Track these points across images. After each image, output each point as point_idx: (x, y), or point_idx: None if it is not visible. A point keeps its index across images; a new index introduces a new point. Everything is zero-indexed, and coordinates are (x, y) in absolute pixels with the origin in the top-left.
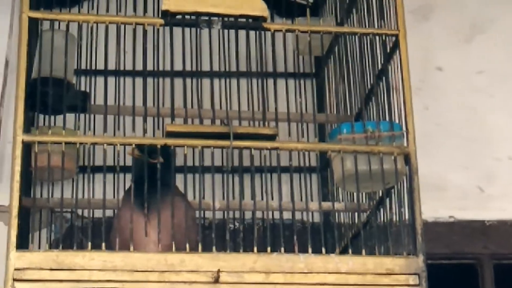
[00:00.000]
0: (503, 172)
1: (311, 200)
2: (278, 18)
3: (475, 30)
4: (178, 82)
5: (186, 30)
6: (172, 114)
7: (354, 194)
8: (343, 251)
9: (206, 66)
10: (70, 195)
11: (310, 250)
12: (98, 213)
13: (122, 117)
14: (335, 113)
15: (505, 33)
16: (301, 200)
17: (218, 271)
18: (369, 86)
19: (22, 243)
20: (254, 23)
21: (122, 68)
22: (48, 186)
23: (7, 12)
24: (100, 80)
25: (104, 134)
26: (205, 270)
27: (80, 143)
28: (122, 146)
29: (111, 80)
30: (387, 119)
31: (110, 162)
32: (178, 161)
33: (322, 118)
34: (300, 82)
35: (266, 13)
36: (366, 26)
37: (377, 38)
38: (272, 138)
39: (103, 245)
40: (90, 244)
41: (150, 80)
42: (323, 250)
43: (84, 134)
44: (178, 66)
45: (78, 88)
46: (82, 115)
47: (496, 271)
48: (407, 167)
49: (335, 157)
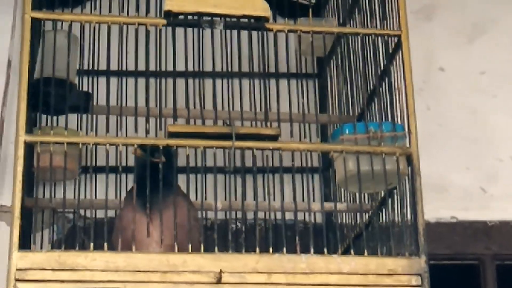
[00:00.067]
0: (506, 172)
1: (313, 200)
2: (280, 19)
3: (477, 31)
4: (180, 82)
5: (188, 30)
6: (174, 114)
7: (356, 195)
8: (345, 252)
9: (208, 67)
10: (72, 196)
11: (312, 250)
12: (100, 213)
13: (124, 117)
14: (337, 113)
15: (507, 33)
16: (303, 200)
17: (220, 272)
18: (371, 87)
19: (24, 244)
20: (256, 24)
21: (124, 68)
22: (50, 186)
23: (10, 12)
24: (102, 80)
25: (106, 135)
26: (207, 270)
27: (82, 144)
28: (124, 146)
29: (114, 80)
30: (389, 120)
31: (112, 163)
32: (180, 161)
33: (324, 119)
34: (302, 83)
35: (268, 13)
36: (368, 26)
37: (379, 38)
38: (274, 138)
39: (105, 245)
40: (92, 244)
41: (152, 80)
42: (325, 250)
43: (86, 134)
44: (180, 67)
45: (80, 88)
46: (84, 116)
47: (498, 272)
48: (409, 168)
49: (337, 157)
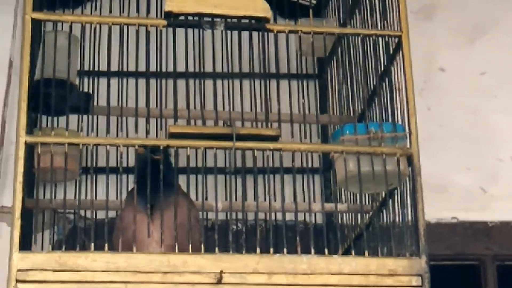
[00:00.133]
0: (506, 173)
1: (314, 201)
2: (281, 19)
3: (478, 31)
4: (181, 83)
5: (189, 31)
6: (175, 115)
7: (357, 195)
8: (346, 252)
9: (209, 67)
10: (73, 196)
11: (312, 251)
12: (101, 214)
13: (125, 118)
14: (338, 114)
15: (507, 33)
16: (303, 201)
17: (221, 272)
18: (372, 87)
19: (25, 244)
20: (257, 24)
21: (125, 69)
22: (51, 187)
23: (11, 13)
24: (103, 81)
25: (107, 135)
26: (207, 271)
27: (83, 144)
28: (125, 147)
29: (114, 81)
30: (390, 120)
31: (113, 163)
32: (181, 162)
33: (325, 119)
34: (303, 83)
35: (269, 14)
36: (369, 27)
37: (380, 39)
38: (274, 139)
39: (106, 246)
40: (93, 245)
41: (153, 81)
42: (326, 251)
43: (87, 135)
44: (181, 67)
45: (81, 89)
46: (85, 116)
47: (499, 272)
48: (410, 168)
49: (338, 158)
